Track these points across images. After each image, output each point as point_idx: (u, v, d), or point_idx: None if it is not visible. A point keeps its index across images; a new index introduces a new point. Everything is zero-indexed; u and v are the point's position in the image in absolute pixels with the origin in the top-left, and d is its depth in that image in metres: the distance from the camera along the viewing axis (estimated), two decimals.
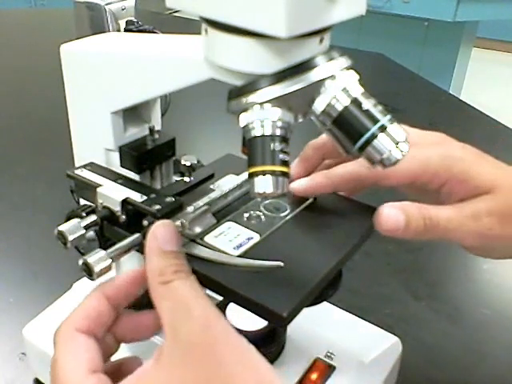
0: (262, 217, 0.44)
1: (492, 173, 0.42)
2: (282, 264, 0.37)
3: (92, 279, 0.36)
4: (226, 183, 0.47)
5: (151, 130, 0.47)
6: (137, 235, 0.40)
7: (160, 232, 0.35)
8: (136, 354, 0.42)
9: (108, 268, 0.37)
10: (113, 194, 0.41)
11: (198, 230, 0.41)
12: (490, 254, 0.44)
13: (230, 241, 0.41)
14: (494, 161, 0.43)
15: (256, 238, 0.41)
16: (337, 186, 0.44)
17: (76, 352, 0.34)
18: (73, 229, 0.39)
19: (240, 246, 0.40)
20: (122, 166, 0.47)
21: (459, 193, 0.41)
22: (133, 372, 0.33)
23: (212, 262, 0.38)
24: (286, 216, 0.44)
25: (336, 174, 0.44)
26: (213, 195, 0.45)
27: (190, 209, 0.42)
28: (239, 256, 0.39)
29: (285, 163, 0.34)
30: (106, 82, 0.44)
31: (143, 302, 0.36)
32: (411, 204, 0.40)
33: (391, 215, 0.39)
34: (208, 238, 0.41)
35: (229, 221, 0.43)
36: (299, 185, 0.45)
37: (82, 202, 0.45)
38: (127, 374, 0.33)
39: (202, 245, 0.40)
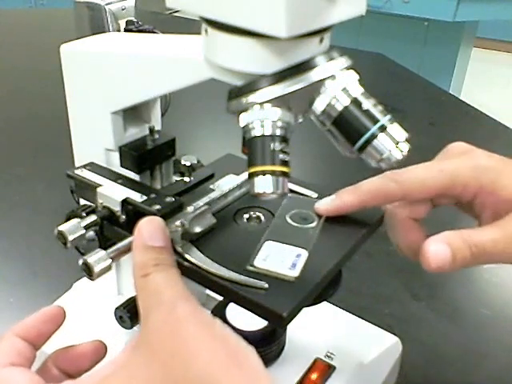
0: (293, 229, 0.42)
1: None
2: (266, 285, 0.36)
3: (92, 279, 0.36)
4: (226, 183, 0.47)
5: (151, 130, 0.47)
6: None
7: (145, 228, 0.36)
8: None
9: (108, 268, 0.37)
10: (113, 194, 0.41)
11: (197, 229, 0.41)
12: None
13: (282, 261, 0.38)
14: None
15: (303, 253, 0.39)
16: (365, 203, 0.42)
17: (13, 381, 0.34)
18: (73, 229, 0.39)
19: (294, 265, 0.38)
20: (122, 166, 0.47)
21: (492, 204, 0.40)
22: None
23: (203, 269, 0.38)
24: (314, 226, 0.43)
25: (364, 191, 0.42)
26: (213, 195, 0.45)
27: (190, 209, 0.42)
28: (297, 277, 0.37)
29: (285, 163, 0.34)
30: (106, 82, 0.44)
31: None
32: (454, 233, 0.37)
33: (439, 252, 0.37)
34: (258, 263, 0.38)
35: (266, 240, 0.41)
36: (325, 205, 0.43)
37: (82, 201, 0.45)
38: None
39: (249, 270, 0.38)
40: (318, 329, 0.54)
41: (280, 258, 0.39)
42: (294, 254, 0.39)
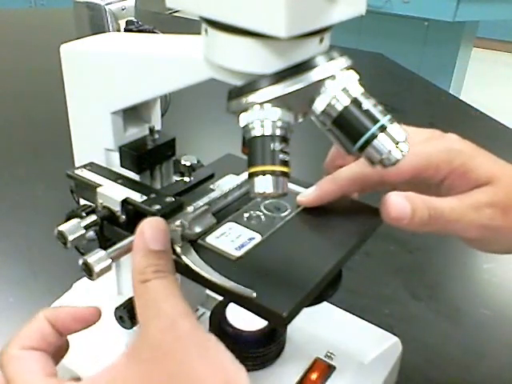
0: (263, 217, 0.44)
1: (490, 165, 0.42)
2: (254, 294, 0.36)
3: (92, 279, 0.36)
4: (226, 183, 0.47)
5: (151, 130, 0.47)
6: None
7: (147, 229, 0.36)
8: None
9: (108, 268, 0.37)
10: (113, 194, 0.41)
11: (197, 229, 0.41)
12: (490, 247, 0.45)
13: (232, 241, 0.41)
14: (490, 154, 0.44)
15: (257, 238, 0.41)
16: (344, 189, 0.44)
17: (26, 365, 0.35)
18: (73, 229, 0.39)
19: (242, 246, 0.40)
20: (122, 166, 0.47)
21: (460, 186, 0.42)
22: None
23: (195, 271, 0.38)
24: (287, 216, 0.44)
25: (343, 178, 0.44)
26: (213, 195, 0.45)
27: (190, 209, 0.42)
28: (240, 257, 0.39)
29: (285, 163, 0.34)
30: (106, 82, 0.44)
31: None
32: (415, 194, 0.40)
33: (399, 203, 0.39)
34: (209, 239, 0.41)
35: (230, 221, 0.43)
36: (306, 196, 0.45)
37: (82, 201, 0.45)
38: None
39: (202, 246, 0.40)
40: (318, 329, 0.54)
41: (232, 238, 0.41)
42: (246, 237, 0.41)
